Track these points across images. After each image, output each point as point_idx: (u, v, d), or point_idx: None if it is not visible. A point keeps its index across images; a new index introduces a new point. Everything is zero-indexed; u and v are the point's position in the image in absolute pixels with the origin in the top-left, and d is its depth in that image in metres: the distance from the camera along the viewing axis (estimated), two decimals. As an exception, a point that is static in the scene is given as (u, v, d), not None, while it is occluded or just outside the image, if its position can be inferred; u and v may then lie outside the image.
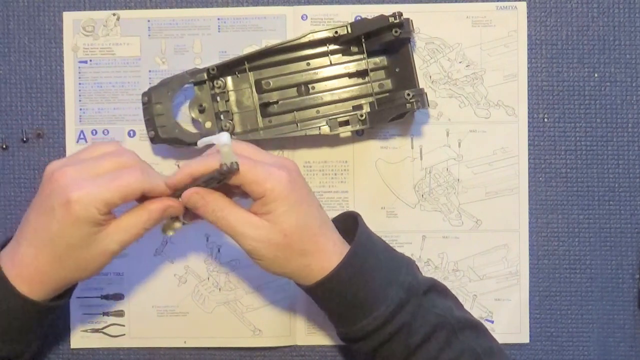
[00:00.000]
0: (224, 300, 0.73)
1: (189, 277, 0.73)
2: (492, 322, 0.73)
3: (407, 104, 0.68)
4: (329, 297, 0.62)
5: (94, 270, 0.60)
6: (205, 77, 0.70)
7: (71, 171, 0.57)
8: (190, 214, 0.62)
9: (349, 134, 0.73)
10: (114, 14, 0.74)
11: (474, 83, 0.73)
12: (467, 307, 0.72)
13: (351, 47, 0.72)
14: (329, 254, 0.61)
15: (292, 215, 0.59)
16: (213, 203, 0.59)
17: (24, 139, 0.74)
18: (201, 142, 0.59)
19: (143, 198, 0.60)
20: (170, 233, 0.63)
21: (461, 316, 0.64)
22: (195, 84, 0.70)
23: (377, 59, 0.72)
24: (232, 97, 0.72)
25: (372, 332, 0.61)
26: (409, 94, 0.68)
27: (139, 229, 0.59)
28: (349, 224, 0.64)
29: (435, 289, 0.64)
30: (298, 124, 0.71)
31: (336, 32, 0.70)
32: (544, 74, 0.74)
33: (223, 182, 0.58)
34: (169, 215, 0.61)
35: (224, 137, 0.55)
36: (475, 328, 0.64)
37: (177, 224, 0.63)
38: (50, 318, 0.63)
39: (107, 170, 0.58)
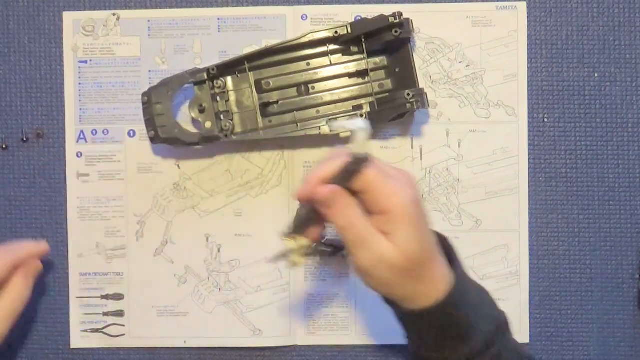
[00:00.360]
0: (224, 300, 0.73)
1: (189, 277, 0.73)
2: (492, 322, 0.73)
3: (407, 104, 0.68)
4: (427, 325, 0.57)
5: None
6: (205, 77, 0.70)
7: None
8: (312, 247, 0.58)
9: (348, 134, 0.73)
10: (114, 14, 0.74)
11: (474, 83, 0.73)
12: (467, 307, 0.73)
13: (351, 47, 0.72)
14: (438, 281, 0.56)
15: (415, 239, 0.54)
16: (349, 207, 0.54)
17: (24, 139, 0.74)
18: (336, 126, 0.57)
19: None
20: (298, 260, 0.59)
21: (531, 355, 0.62)
22: (195, 84, 0.70)
23: (377, 59, 0.72)
24: (232, 97, 0.72)
25: None
26: (409, 94, 0.68)
27: (18, 305, 0.67)
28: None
29: (508, 324, 0.61)
30: (298, 124, 0.71)
31: (336, 32, 0.70)
32: (544, 74, 0.74)
33: (352, 179, 0.54)
34: (36, 270, 0.68)
35: (361, 122, 0.52)
36: None
37: (298, 261, 0.58)
38: None
39: None
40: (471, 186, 0.73)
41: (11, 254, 0.67)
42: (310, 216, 0.57)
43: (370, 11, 0.72)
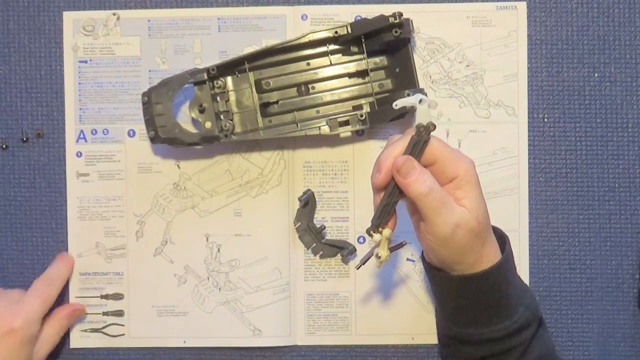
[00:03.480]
0: (224, 300, 0.73)
1: (189, 277, 0.73)
2: (492, 322, 0.73)
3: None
4: (475, 291, 0.59)
5: None
6: (205, 77, 0.70)
7: None
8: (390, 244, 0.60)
9: (349, 134, 0.73)
10: (114, 14, 0.74)
11: (474, 83, 0.73)
12: (467, 307, 0.73)
13: (351, 47, 0.72)
14: (495, 247, 0.60)
15: (481, 201, 0.59)
16: (426, 174, 0.57)
17: (24, 139, 0.74)
18: (398, 103, 0.60)
19: None
20: (384, 254, 0.60)
21: (560, 358, 0.65)
22: (195, 84, 0.70)
23: (377, 59, 0.72)
24: (232, 97, 0.72)
25: (491, 341, 0.60)
26: (409, 94, 0.68)
27: (57, 337, 0.70)
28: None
29: (544, 323, 0.64)
30: (298, 124, 0.71)
31: (336, 32, 0.70)
32: (544, 74, 0.74)
33: (423, 149, 0.57)
34: (76, 317, 0.72)
35: (420, 95, 0.57)
36: None
37: (385, 254, 0.60)
38: None
39: (18, 297, 0.68)
40: (471, 186, 0.73)
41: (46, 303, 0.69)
42: (390, 202, 0.59)
43: (370, 11, 0.72)
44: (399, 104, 0.61)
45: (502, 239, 0.63)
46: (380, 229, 0.59)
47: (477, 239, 0.58)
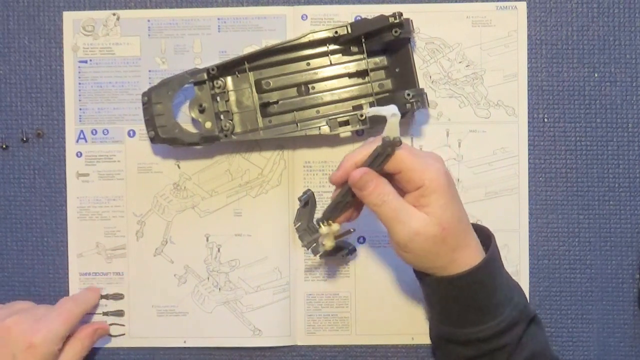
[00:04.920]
0: (224, 300, 0.73)
1: (189, 277, 0.73)
2: (492, 322, 0.73)
3: (407, 104, 0.68)
4: (458, 293, 0.61)
5: None
6: (205, 77, 0.70)
7: (17, 320, 0.65)
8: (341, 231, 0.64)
9: (349, 134, 0.73)
10: (114, 14, 0.74)
11: (474, 83, 0.73)
12: (467, 307, 0.73)
13: (351, 47, 0.72)
14: (474, 251, 0.61)
15: (449, 209, 0.59)
16: (381, 186, 0.59)
17: (24, 139, 0.74)
18: (370, 111, 0.61)
19: None
20: (328, 244, 0.65)
21: (555, 355, 0.65)
22: (195, 84, 0.70)
23: (377, 59, 0.72)
24: (232, 97, 0.72)
25: (479, 341, 0.61)
26: (409, 94, 0.68)
27: (78, 357, 0.68)
28: (480, 236, 0.64)
29: (537, 320, 0.65)
30: (298, 124, 0.71)
31: (336, 32, 0.70)
32: (544, 74, 0.74)
33: (385, 162, 0.59)
34: (99, 337, 0.70)
35: (393, 108, 0.57)
36: None
37: (329, 244, 0.64)
38: None
39: (43, 313, 0.66)
40: (471, 186, 0.73)
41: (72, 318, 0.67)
42: (343, 201, 0.63)
43: (370, 11, 0.72)
44: (370, 112, 0.61)
45: (488, 239, 0.63)
46: (330, 222, 0.64)
47: (442, 245, 0.59)
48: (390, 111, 0.58)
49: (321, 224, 0.64)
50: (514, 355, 0.61)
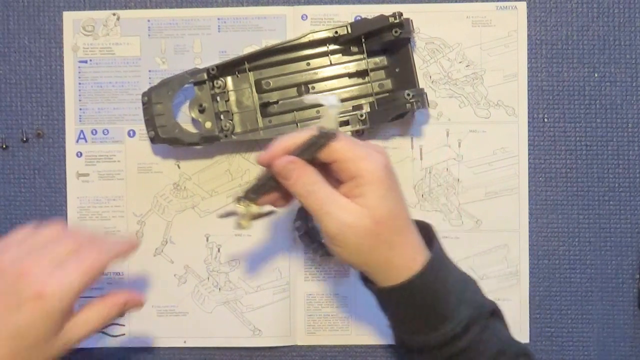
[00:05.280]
0: (224, 300, 0.73)
1: (189, 277, 0.73)
2: (492, 322, 0.73)
3: (407, 104, 0.68)
4: (406, 301, 0.57)
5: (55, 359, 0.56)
6: (205, 77, 0.70)
7: (31, 263, 0.54)
8: (265, 200, 0.59)
9: (349, 134, 0.73)
10: (114, 14, 0.74)
11: (474, 83, 0.73)
12: (467, 307, 0.73)
13: (351, 47, 0.72)
14: (413, 251, 0.56)
15: (385, 202, 0.55)
16: (307, 175, 0.55)
17: (24, 139, 0.74)
18: (308, 99, 0.58)
19: None
20: (245, 224, 0.60)
21: (520, 346, 0.61)
22: (195, 84, 0.70)
23: (377, 59, 0.72)
24: (232, 97, 0.72)
25: (438, 347, 0.57)
26: (409, 94, 0.68)
27: (98, 324, 0.57)
28: (422, 232, 0.60)
29: (497, 313, 0.61)
30: (298, 124, 0.71)
31: (336, 32, 0.70)
32: (544, 74, 0.74)
33: (317, 152, 0.55)
34: (129, 309, 0.59)
35: (333, 99, 0.54)
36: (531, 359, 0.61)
37: (246, 224, 0.60)
38: None
39: (66, 257, 0.55)
40: (471, 186, 0.73)
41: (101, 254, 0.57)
42: (268, 184, 0.58)
43: (370, 11, 0.72)
44: (308, 100, 0.58)
45: (431, 239, 0.59)
46: (249, 202, 0.59)
47: (375, 240, 0.55)
48: (330, 101, 0.55)
49: (240, 203, 0.59)
50: (478, 355, 0.57)
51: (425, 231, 0.60)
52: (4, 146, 0.74)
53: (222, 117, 0.71)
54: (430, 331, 0.57)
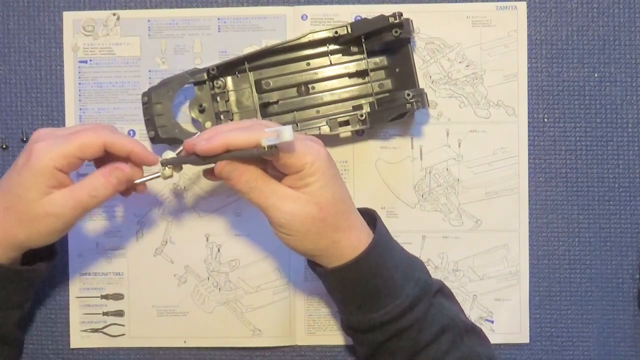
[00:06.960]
0: (224, 300, 0.73)
1: (189, 277, 0.73)
2: (492, 322, 0.73)
3: (407, 104, 0.68)
4: (352, 281, 0.61)
5: (40, 234, 0.60)
6: (205, 77, 0.70)
7: (42, 130, 0.61)
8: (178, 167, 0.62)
9: (349, 134, 0.73)
10: (114, 14, 0.74)
11: (474, 83, 0.73)
12: (467, 307, 0.73)
13: (351, 47, 0.72)
14: (358, 232, 0.61)
15: (329, 189, 0.59)
16: (247, 173, 0.59)
17: (24, 139, 0.74)
18: (268, 130, 0.58)
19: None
20: (168, 174, 0.62)
21: (467, 321, 0.65)
22: (195, 84, 0.70)
23: (377, 59, 0.72)
24: (232, 97, 0.72)
25: (384, 324, 0.61)
26: (409, 94, 0.68)
27: (86, 196, 0.59)
28: (366, 218, 0.64)
29: (444, 291, 0.65)
30: (298, 124, 0.71)
31: (336, 32, 0.70)
32: (544, 74, 0.74)
33: (256, 159, 0.59)
34: (121, 186, 0.61)
35: (288, 133, 0.55)
36: (479, 335, 0.65)
37: (168, 171, 0.62)
38: (26, 287, 0.64)
39: (72, 130, 0.60)
40: (471, 186, 0.73)
41: (107, 138, 0.60)
42: (193, 160, 0.60)
43: (370, 11, 0.72)
44: (266, 130, 0.58)
45: (374, 222, 0.63)
46: (171, 167, 0.62)
47: (322, 225, 0.59)
48: (284, 136, 0.55)
49: (166, 166, 0.61)
50: (423, 332, 0.61)
51: (370, 217, 0.64)
52: (4, 146, 0.74)
53: (222, 117, 0.71)
54: (376, 309, 0.61)
